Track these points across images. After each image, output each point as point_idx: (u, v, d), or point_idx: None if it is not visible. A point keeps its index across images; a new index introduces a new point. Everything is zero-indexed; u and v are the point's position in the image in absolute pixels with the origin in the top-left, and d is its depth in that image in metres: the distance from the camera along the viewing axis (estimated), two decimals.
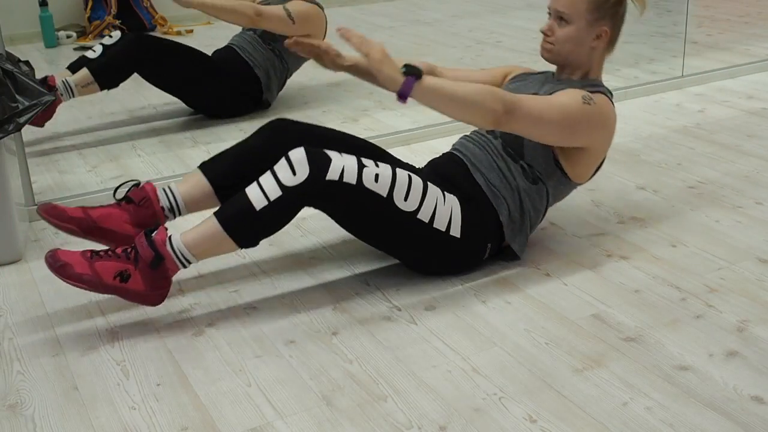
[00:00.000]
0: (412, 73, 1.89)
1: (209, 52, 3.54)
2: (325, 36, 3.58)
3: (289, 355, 1.91)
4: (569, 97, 2.09)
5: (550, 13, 2.20)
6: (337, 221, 2.12)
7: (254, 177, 2.08)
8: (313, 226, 2.55)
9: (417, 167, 2.31)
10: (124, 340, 1.98)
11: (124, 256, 1.96)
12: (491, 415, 1.68)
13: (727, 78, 4.00)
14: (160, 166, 3.04)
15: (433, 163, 2.33)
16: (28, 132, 3.12)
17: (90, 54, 3.35)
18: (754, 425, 1.63)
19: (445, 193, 2.12)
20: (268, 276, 2.27)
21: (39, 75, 2.65)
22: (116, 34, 3.39)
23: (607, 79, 3.92)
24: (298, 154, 1.97)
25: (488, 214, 2.18)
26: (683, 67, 3.93)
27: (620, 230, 2.47)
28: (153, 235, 1.97)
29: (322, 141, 2.20)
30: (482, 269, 2.25)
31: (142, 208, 2.15)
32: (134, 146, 3.25)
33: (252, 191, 1.98)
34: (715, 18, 5.23)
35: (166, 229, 2.01)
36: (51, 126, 3.24)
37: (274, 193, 1.95)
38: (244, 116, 3.51)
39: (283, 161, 1.98)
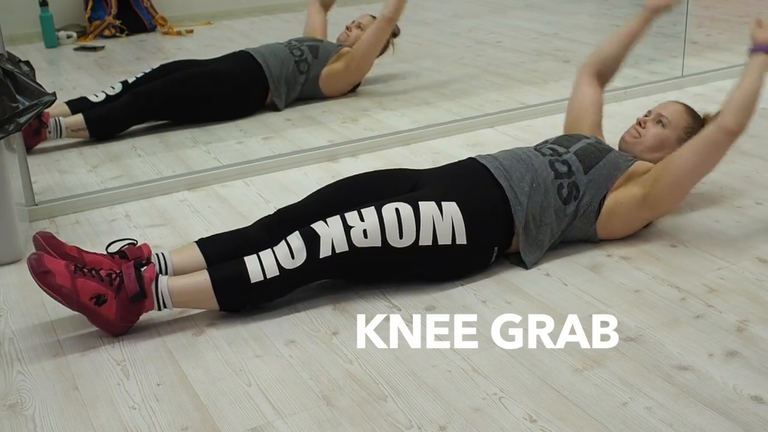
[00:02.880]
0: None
1: (209, 53, 3.54)
2: (347, 91, 3.72)
3: (289, 355, 1.91)
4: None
5: (648, 114, 2.46)
6: (346, 280, 2.16)
7: None
8: None
9: (421, 168, 2.32)
10: (125, 340, 1.98)
11: (108, 280, 1.95)
12: (491, 415, 1.69)
13: (727, 78, 3.98)
14: (160, 166, 3.04)
15: (443, 169, 2.34)
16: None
17: (92, 98, 3.34)
18: (754, 425, 1.63)
19: (442, 202, 2.11)
20: None
21: (40, 75, 2.64)
22: (118, 86, 3.38)
23: None
24: (297, 242, 2.01)
25: (498, 217, 2.17)
26: (683, 67, 3.93)
27: None
28: (143, 270, 1.97)
29: (316, 214, 2.14)
30: (482, 269, 2.24)
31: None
32: (134, 146, 3.25)
33: (251, 263, 2.00)
34: (715, 18, 5.23)
35: (157, 268, 2.01)
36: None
37: (272, 272, 1.99)
38: (243, 117, 3.51)
39: (283, 244, 2.02)
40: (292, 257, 2.00)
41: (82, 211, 2.72)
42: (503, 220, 2.18)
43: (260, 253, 2.02)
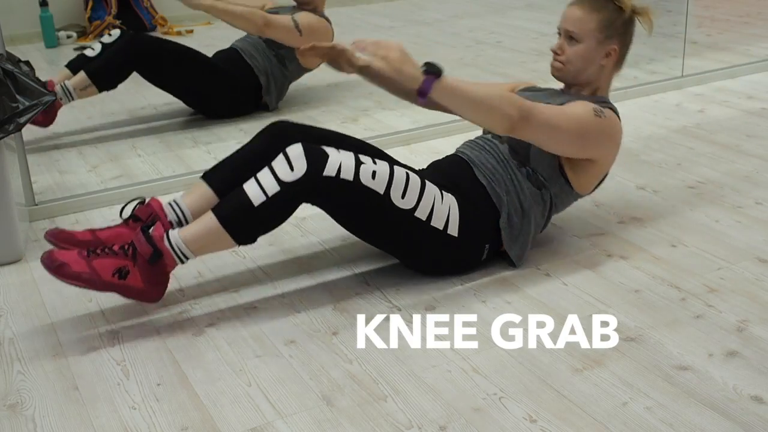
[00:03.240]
0: (433, 71, 1.90)
1: (209, 53, 3.54)
2: None
3: (289, 355, 1.91)
4: (582, 109, 2.11)
5: (560, 33, 2.23)
6: (334, 218, 2.12)
7: None
8: (313, 226, 2.55)
9: (417, 168, 2.31)
10: (125, 340, 1.98)
11: (122, 252, 1.96)
12: (491, 415, 1.68)
13: (727, 78, 4.00)
14: (160, 166, 3.04)
15: (435, 164, 2.33)
16: (29, 132, 3.12)
17: (89, 52, 3.35)
18: (754, 425, 1.63)
19: (443, 191, 2.12)
20: (268, 276, 2.27)
21: (40, 75, 2.64)
22: (116, 33, 3.39)
23: None
24: (295, 150, 1.97)
25: (488, 215, 2.18)
26: (683, 67, 3.93)
27: (620, 230, 2.47)
28: (150, 230, 1.97)
29: (321, 141, 2.21)
30: (482, 269, 2.25)
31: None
32: (134, 146, 3.25)
33: (250, 187, 1.97)
34: (715, 18, 5.23)
35: (166, 225, 2.01)
36: (51, 126, 3.24)
37: (272, 188, 1.95)
38: (244, 117, 3.51)
39: (280, 157, 1.98)
40: (291, 169, 1.95)
41: (82, 211, 2.73)
42: (493, 218, 2.18)
43: (257, 174, 1.99)
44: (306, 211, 2.63)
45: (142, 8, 5.18)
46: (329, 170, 1.96)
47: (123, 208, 2.21)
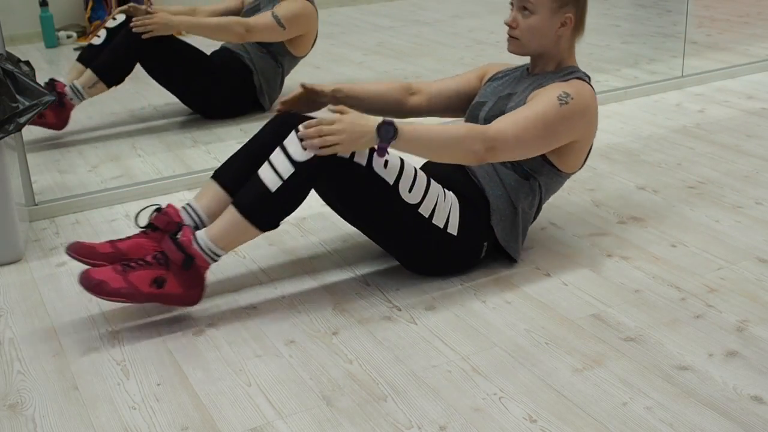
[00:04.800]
0: (385, 139, 1.91)
1: (208, 53, 3.54)
2: (317, 34, 3.58)
3: (289, 355, 1.91)
4: (545, 104, 2.07)
5: (512, 5, 2.17)
6: (338, 204, 2.12)
7: None
8: (313, 226, 2.55)
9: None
10: (125, 340, 1.98)
11: (156, 262, 1.96)
12: (491, 415, 1.69)
13: (727, 78, 4.00)
14: (160, 166, 3.04)
15: (430, 163, 2.33)
16: (29, 132, 3.13)
17: (95, 41, 3.35)
18: (754, 425, 1.63)
19: (446, 191, 2.12)
20: (268, 276, 2.27)
21: (40, 75, 2.64)
22: (120, 17, 3.39)
23: (607, 79, 3.95)
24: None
25: (484, 214, 2.18)
26: (683, 67, 3.93)
27: (620, 230, 2.47)
28: (178, 236, 1.98)
29: None
30: (482, 269, 2.25)
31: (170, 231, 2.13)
32: (134, 146, 3.25)
33: (265, 173, 1.97)
34: (715, 18, 5.23)
35: (191, 228, 2.01)
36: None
37: (287, 170, 1.95)
38: (243, 116, 3.51)
39: (292, 136, 1.97)
40: (304, 148, 1.94)
41: (82, 211, 2.73)
42: (489, 216, 2.18)
43: (270, 157, 1.99)
44: (306, 211, 2.64)
45: None
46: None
47: (137, 216, 2.21)
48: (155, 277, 1.95)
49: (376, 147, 1.94)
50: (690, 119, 3.44)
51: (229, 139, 3.30)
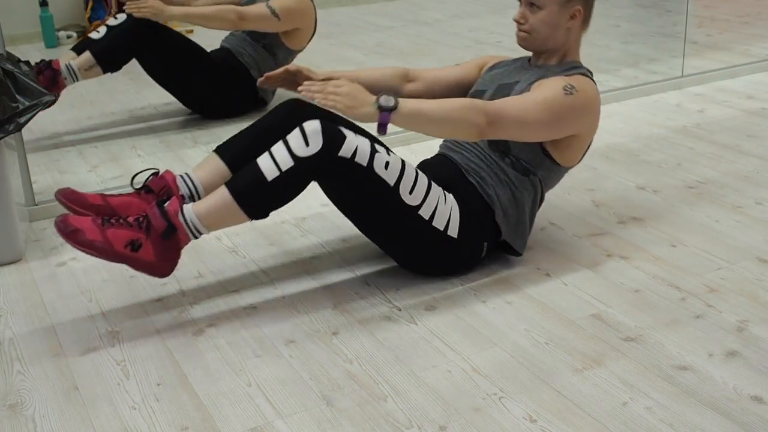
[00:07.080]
0: (386, 108, 1.89)
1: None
2: (315, 30, 3.57)
3: (289, 355, 1.91)
4: (551, 91, 2.07)
5: (520, 1, 2.18)
6: (338, 202, 2.12)
7: None
8: (313, 226, 2.55)
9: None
10: (125, 340, 1.98)
11: (136, 225, 1.95)
12: (491, 415, 1.69)
13: (727, 78, 4.00)
14: (160, 166, 3.04)
15: (426, 164, 2.32)
16: (29, 132, 3.12)
17: (94, 35, 3.35)
18: (754, 425, 1.63)
19: (446, 193, 2.12)
20: (268, 276, 2.27)
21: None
22: (121, 17, 3.38)
23: (607, 79, 3.94)
24: (313, 125, 1.96)
25: (483, 214, 2.18)
26: (683, 67, 3.93)
27: (620, 230, 2.47)
28: (165, 205, 1.97)
29: (338, 122, 2.19)
30: (482, 269, 2.25)
31: (162, 197, 2.13)
32: (134, 146, 3.25)
33: (263, 161, 1.97)
34: (715, 18, 5.23)
35: (180, 199, 2.00)
36: (51, 126, 3.25)
37: (286, 163, 1.94)
38: (243, 116, 3.51)
39: (297, 131, 1.97)
40: (307, 144, 1.94)
41: None
42: (489, 215, 2.18)
43: (272, 148, 1.98)
44: (306, 211, 2.64)
45: None
46: (345, 151, 1.95)
47: (134, 177, 2.20)
48: (132, 238, 1.93)
49: (377, 123, 1.89)
50: (690, 119, 3.44)
51: None
